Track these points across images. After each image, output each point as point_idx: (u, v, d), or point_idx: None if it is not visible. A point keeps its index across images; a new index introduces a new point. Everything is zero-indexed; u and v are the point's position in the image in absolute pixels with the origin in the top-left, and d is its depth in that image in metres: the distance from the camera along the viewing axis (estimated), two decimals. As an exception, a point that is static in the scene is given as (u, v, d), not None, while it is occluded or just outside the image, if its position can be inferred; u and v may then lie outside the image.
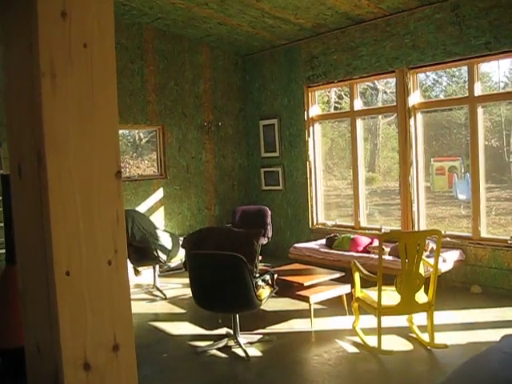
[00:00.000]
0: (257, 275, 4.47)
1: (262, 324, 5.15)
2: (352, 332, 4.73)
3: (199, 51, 8.26)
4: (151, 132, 8.46)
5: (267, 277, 4.71)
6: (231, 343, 4.62)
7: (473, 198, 6.16)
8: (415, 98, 6.60)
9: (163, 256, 6.34)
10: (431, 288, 4.31)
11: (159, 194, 7.91)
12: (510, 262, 5.76)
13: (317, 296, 5.05)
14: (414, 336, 4.60)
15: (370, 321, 4.60)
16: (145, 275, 7.01)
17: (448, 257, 5.81)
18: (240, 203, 8.58)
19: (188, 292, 5.21)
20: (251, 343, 4.63)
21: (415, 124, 6.60)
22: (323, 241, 6.95)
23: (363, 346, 4.46)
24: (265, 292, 4.58)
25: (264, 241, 7.13)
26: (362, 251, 6.29)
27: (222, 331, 4.99)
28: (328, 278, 5.42)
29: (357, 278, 4.63)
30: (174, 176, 8.05)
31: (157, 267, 6.70)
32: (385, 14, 6.57)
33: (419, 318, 4.62)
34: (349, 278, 5.12)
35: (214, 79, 8.45)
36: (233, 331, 4.63)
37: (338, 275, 5.48)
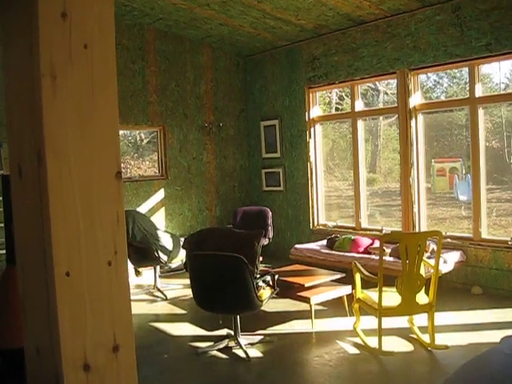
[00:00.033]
0: (257, 276, 4.47)
1: (263, 325, 5.14)
2: (353, 333, 4.73)
3: (200, 52, 8.26)
4: (152, 132, 8.46)
5: (268, 278, 4.71)
6: (232, 344, 4.61)
7: (473, 199, 6.16)
8: (416, 99, 6.60)
9: (164, 257, 6.33)
10: (432, 289, 4.31)
11: (160, 195, 7.91)
12: (511, 263, 5.75)
13: (317, 297, 5.05)
14: (415, 337, 4.59)
15: (371, 322, 4.59)
16: (145, 276, 7.01)
17: (449, 258, 5.81)
18: (241, 204, 8.58)
19: (189, 293, 5.21)
20: (252, 344, 4.63)
21: (416, 125, 6.60)
22: (324, 242, 6.95)
23: (364, 347, 4.46)
24: (265, 293, 4.58)
25: (265, 242, 7.12)
26: (363, 252, 6.29)
27: (223, 332, 4.99)
28: (329, 279, 5.41)
29: (357, 279, 4.63)
30: (175, 177, 8.05)
31: (157, 268, 6.69)
32: (386, 16, 6.57)
33: (420, 319, 4.61)
34: (349, 279, 5.12)
35: (216, 80, 8.45)
36: (233, 332, 4.63)
37: (339, 276, 5.47)
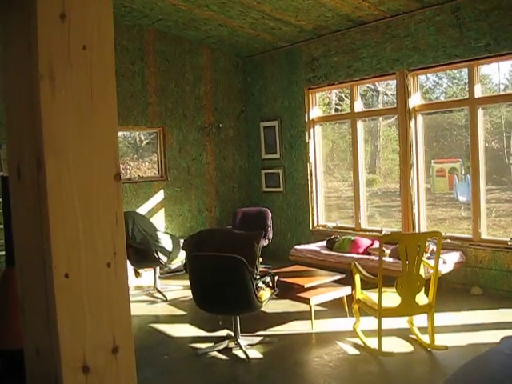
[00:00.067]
0: (257, 277, 4.47)
1: (263, 326, 5.14)
2: (352, 334, 4.72)
3: (200, 53, 8.26)
4: (152, 134, 8.46)
5: (268, 279, 4.71)
6: (232, 345, 4.61)
7: (473, 200, 6.16)
8: (416, 100, 6.60)
9: (164, 258, 6.33)
10: (431, 290, 4.31)
11: (160, 196, 7.91)
12: (510, 264, 5.75)
13: (317, 298, 5.05)
14: (415, 337, 4.59)
15: (371, 322, 4.59)
16: (145, 277, 7.00)
17: (448, 258, 5.81)
18: (241, 205, 8.58)
19: (188, 294, 5.21)
20: (252, 345, 4.63)
21: (416, 126, 6.60)
22: (324, 242, 6.94)
23: (364, 348, 4.46)
24: (265, 294, 4.58)
25: (265, 242, 7.12)
26: (363, 253, 6.29)
27: (223, 333, 4.99)
28: (328, 280, 5.41)
29: (357, 280, 4.63)
30: (175, 178, 8.05)
31: (157, 269, 6.68)
32: (385, 16, 6.58)
33: (419, 320, 4.61)
34: (349, 280, 5.11)
35: (215, 81, 8.45)
36: (233, 333, 4.63)
37: (339, 277, 5.47)
